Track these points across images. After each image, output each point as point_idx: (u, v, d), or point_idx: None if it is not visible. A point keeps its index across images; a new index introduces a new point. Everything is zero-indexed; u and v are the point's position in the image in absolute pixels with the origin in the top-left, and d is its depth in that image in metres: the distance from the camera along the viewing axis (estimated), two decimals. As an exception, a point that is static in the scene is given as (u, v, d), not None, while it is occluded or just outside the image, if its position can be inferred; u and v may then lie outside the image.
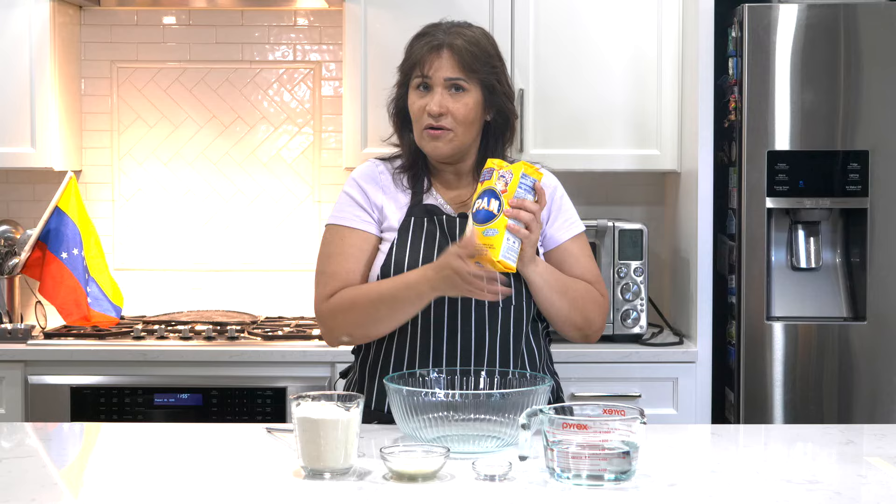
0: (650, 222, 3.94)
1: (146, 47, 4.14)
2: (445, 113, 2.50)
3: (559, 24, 3.78)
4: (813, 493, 1.96)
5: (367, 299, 2.47)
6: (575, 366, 3.46)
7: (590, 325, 2.56)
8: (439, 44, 2.52)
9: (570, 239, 2.59)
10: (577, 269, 2.57)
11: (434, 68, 2.51)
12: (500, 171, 2.35)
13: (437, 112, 2.49)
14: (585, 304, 2.53)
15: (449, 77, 2.50)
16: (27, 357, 3.58)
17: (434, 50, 2.52)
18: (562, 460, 1.98)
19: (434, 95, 2.50)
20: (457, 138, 2.52)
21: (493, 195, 2.34)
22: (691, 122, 3.67)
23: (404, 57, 2.59)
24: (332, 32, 4.13)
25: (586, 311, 2.54)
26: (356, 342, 2.57)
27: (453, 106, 2.50)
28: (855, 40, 3.49)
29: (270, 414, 3.54)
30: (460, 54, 2.51)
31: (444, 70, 2.50)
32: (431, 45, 2.53)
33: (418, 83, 2.53)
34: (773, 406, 3.52)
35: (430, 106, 2.49)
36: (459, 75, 2.51)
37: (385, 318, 2.45)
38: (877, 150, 3.50)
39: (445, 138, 2.52)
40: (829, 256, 3.62)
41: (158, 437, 2.40)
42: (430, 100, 2.50)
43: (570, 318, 2.53)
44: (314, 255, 2.61)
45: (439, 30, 2.56)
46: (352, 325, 2.50)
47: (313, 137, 4.16)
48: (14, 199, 4.14)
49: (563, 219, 2.59)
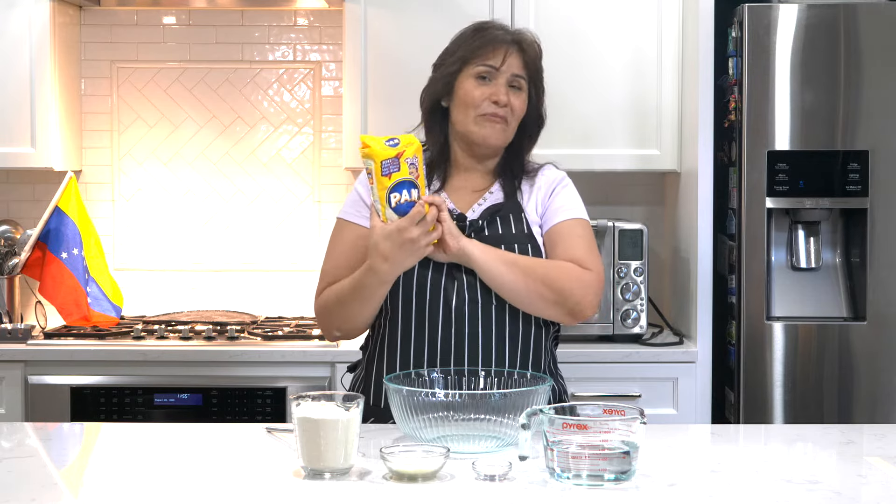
0: (650, 222, 3.94)
1: (146, 47, 4.14)
2: (507, 105, 2.56)
3: (559, 25, 3.78)
4: (813, 493, 1.96)
5: (342, 292, 2.51)
6: (575, 366, 3.45)
7: (567, 297, 2.46)
8: (512, 40, 2.59)
9: (562, 221, 2.57)
10: (565, 247, 2.53)
11: (507, 62, 2.57)
12: (405, 157, 2.35)
13: (505, 102, 2.56)
14: (552, 274, 2.46)
15: (517, 74, 2.58)
16: (27, 357, 3.58)
17: (508, 45, 2.58)
18: (562, 460, 1.98)
19: (500, 86, 2.56)
20: (509, 130, 2.59)
21: (411, 185, 2.36)
22: (691, 122, 3.67)
23: (455, 47, 2.61)
24: (332, 32, 4.13)
25: (556, 283, 2.45)
26: (349, 336, 2.60)
27: (514, 100, 2.57)
28: (855, 40, 3.49)
29: (270, 414, 3.54)
30: (527, 54, 2.60)
31: (514, 66, 2.57)
32: (503, 39, 2.59)
33: (483, 72, 2.57)
34: (773, 406, 3.52)
35: (500, 95, 2.55)
36: (524, 74, 2.59)
37: (356, 305, 2.48)
38: (877, 150, 3.50)
39: (501, 127, 2.58)
40: (829, 256, 3.62)
41: (158, 437, 2.40)
42: (496, 90, 2.55)
43: (533, 290, 2.45)
44: (314, 255, 2.63)
45: (497, 27, 2.62)
46: (334, 318, 2.55)
47: (313, 137, 4.16)
48: (14, 199, 4.14)
49: (559, 203, 2.60)
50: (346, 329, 2.57)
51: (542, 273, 2.47)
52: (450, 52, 2.63)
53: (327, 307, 2.56)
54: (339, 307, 2.52)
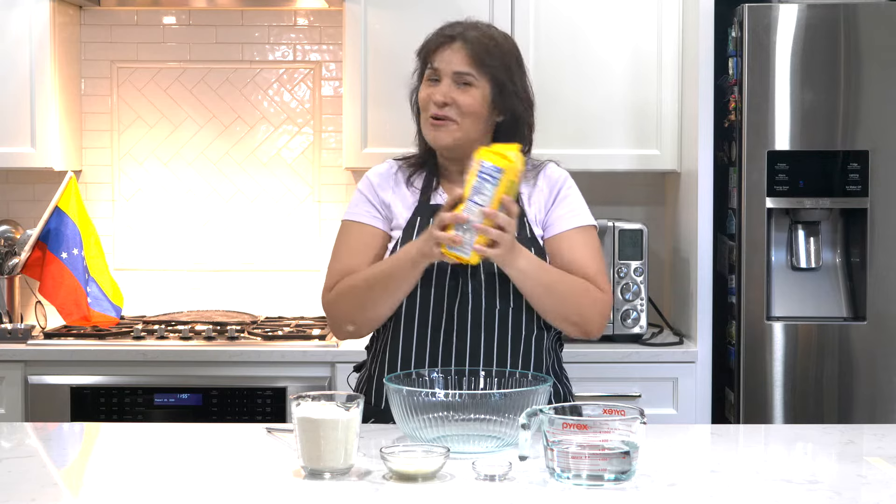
0: (650, 222, 3.94)
1: (146, 47, 4.14)
2: (451, 103, 2.50)
3: (559, 24, 3.78)
4: (813, 493, 1.96)
5: (363, 280, 2.48)
6: (575, 366, 3.44)
7: (586, 321, 2.50)
8: (452, 35, 2.53)
9: (572, 229, 2.55)
10: (576, 260, 2.52)
11: (444, 60, 2.51)
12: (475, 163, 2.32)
13: (442, 101, 2.50)
14: (578, 299, 2.48)
15: (458, 70, 2.51)
16: (27, 357, 3.58)
17: (446, 41, 2.53)
18: (562, 460, 1.98)
19: (441, 86, 2.51)
20: (459, 130, 2.52)
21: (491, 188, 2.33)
22: (691, 122, 3.67)
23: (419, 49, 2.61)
24: (332, 32, 4.13)
25: (581, 308, 2.48)
26: (361, 331, 2.55)
27: (459, 97, 2.50)
28: (855, 40, 3.49)
29: (270, 414, 3.54)
30: (472, 46, 2.51)
31: (454, 63, 2.51)
32: (444, 35, 2.54)
33: (429, 75, 2.54)
34: (773, 406, 3.52)
35: (435, 95, 2.50)
36: (469, 69, 2.50)
37: (380, 296, 2.45)
38: (877, 150, 3.50)
39: (447, 129, 2.51)
40: (829, 256, 3.62)
41: (158, 437, 2.40)
42: (435, 89, 2.51)
43: (560, 313, 2.48)
44: (314, 255, 2.63)
45: (458, 24, 2.57)
46: (352, 310, 2.50)
47: (313, 137, 4.16)
48: (14, 199, 4.14)
49: (566, 208, 2.57)
50: (360, 321, 2.51)
51: (573, 300, 2.47)
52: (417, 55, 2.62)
53: (341, 297, 2.51)
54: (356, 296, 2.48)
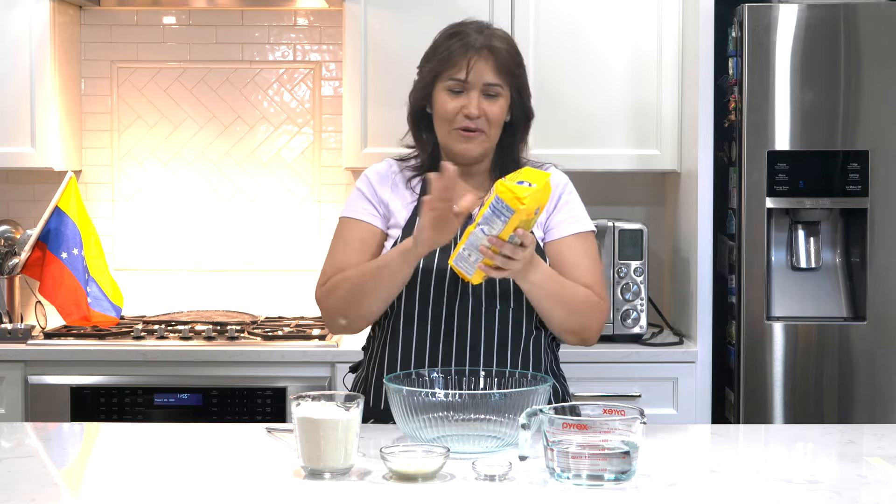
0: (650, 222, 3.94)
1: (146, 47, 4.14)
2: (481, 115, 2.50)
3: (559, 24, 3.78)
4: (813, 493, 1.96)
5: (355, 274, 2.48)
6: (575, 366, 3.44)
7: (586, 330, 2.52)
8: (479, 46, 2.50)
9: (572, 235, 2.56)
10: (577, 268, 2.53)
11: (475, 72, 2.49)
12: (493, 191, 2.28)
13: (477, 115, 2.49)
14: (582, 309, 2.49)
15: (489, 82, 2.50)
16: (27, 357, 3.58)
17: (474, 52, 2.50)
18: (562, 460, 1.98)
19: (471, 97, 2.49)
20: (488, 140, 2.54)
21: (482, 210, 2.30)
22: (691, 122, 3.67)
23: (431, 55, 2.56)
24: (332, 32, 4.13)
25: (583, 317, 2.50)
26: (354, 325, 2.54)
27: (489, 108, 2.50)
28: (855, 40, 3.49)
29: (270, 414, 3.54)
30: (499, 58, 2.51)
31: (485, 75, 2.50)
32: (470, 46, 2.50)
33: (453, 86, 2.51)
34: (773, 406, 3.52)
35: (470, 108, 2.49)
36: (498, 80, 2.51)
37: (372, 289, 2.45)
38: (877, 150, 3.50)
39: (478, 140, 2.52)
40: (829, 256, 3.62)
41: (158, 437, 2.40)
42: (468, 101, 2.49)
43: (566, 324, 2.50)
44: (314, 255, 2.63)
45: (471, 29, 2.54)
46: (343, 304, 2.49)
47: (313, 137, 4.16)
48: (14, 199, 4.14)
49: (567, 214, 2.57)
50: (352, 315, 2.50)
51: (578, 310, 2.48)
52: (426, 59, 2.58)
53: (333, 290, 2.51)
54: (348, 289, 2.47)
